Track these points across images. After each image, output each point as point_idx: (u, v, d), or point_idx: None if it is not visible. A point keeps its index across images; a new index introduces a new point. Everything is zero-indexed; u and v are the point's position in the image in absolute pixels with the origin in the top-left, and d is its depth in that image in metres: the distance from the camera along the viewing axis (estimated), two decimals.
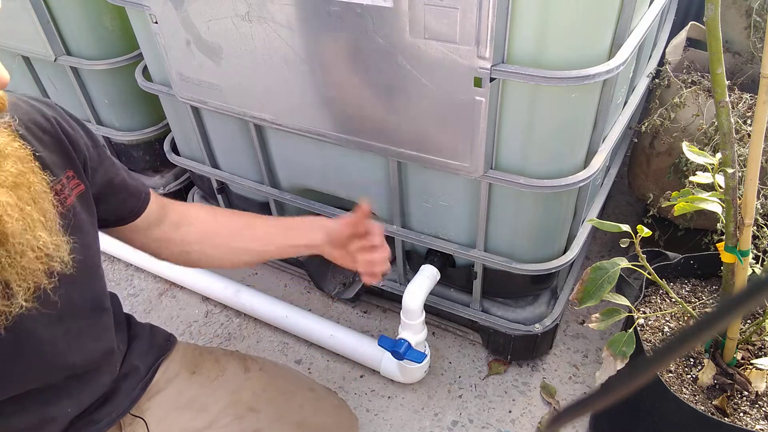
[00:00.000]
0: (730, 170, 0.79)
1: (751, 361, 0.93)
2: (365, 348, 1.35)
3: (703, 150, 0.87)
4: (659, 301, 1.07)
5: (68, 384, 0.76)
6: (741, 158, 1.11)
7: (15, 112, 0.68)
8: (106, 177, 0.80)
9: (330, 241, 0.91)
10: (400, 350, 1.17)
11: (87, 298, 0.75)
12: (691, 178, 0.88)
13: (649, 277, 0.93)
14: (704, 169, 0.86)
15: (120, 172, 0.83)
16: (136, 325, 0.94)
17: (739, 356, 0.94)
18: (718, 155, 0.82)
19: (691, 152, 0.87)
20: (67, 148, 0.73)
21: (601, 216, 1.39)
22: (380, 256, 0.88)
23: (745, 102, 1.22)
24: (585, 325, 1.47)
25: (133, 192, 0.85)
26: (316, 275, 1.54)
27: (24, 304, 0.63)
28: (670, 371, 0.97)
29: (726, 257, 0.87)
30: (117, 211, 0.83)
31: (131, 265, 1.72)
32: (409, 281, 1.20)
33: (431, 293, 1.25)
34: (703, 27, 0.88)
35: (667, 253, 1.10)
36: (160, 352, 0.93)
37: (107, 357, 0.80)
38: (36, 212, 0.63)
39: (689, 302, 1.08)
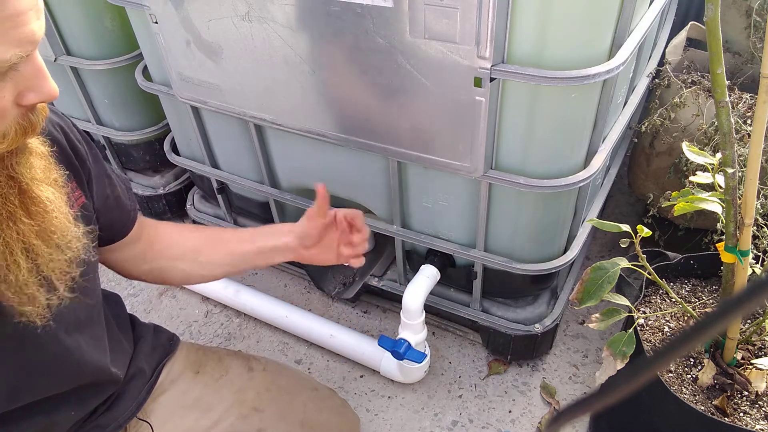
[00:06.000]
0: (730, 170, 0.79)
1: (751, 361, 0.93)
2: (365, 348, 1.35)
3: (703, 150, 0.87)
4: (659, 301, 1.07)
5: (75, 391, 0.76)
6: (741, 158, 1.11)
7: None
8: (104, 193, 0.80)
9: (301, 242, 0.90)
10: (400, 350, 1.17)
11: (87, 311, 0.75)
12: (691, 178, 0.88)
13: (649, 277, 0.93)
14: (704, 169, 0.86)
15: (116, 188, 0.82)
16: (140, 325, 0.94)
17: (739, 356, 0.94)
18: (718, 155, 0.82)
19: (691, 152, 0.87)
20: (72, 160, 0.73)
21: (601, 216, 1.39)
22: (358, 238, 0.90)
23: (745, 102, 1.22)
24: (585, 325, 1.47)
25: (125, 210, 0.84)
26: (316, 275, 1.54)
27: (66, 295, 0.65)
28: (670, 371, 0.97)
29: (726, 257, 0.87)
30: (109, 228, 0.82)
31: None
32: (409, 281, 1.20)
33: (431, 293, 1.25)
34: (703, 27, 0.88)
35: (667, 253, 1.10)
36: (164, 352, 0.93)
37: (106, 368, 0.80)
38: (64, 206, 0.65)
39: (689, 302, 1.07)
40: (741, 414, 0.91)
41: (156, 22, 1.13)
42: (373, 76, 0.96)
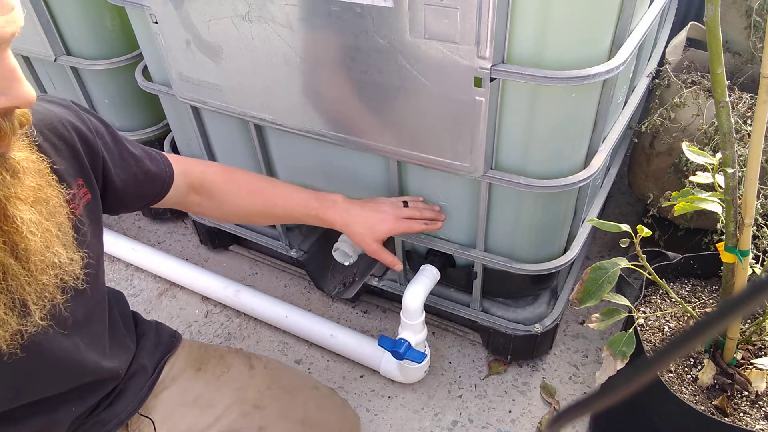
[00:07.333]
0: (730, 170, 0.79)
1: (751, 361, 0.93)
2: (365, 348, 1.35)
3: (703, 150, 0.87)
4: (659, 301, 1.07)
5: (76, 389, 0.76)
6: (741, 158, 1.11)
7: (32, 116, 0.68)
8: (130, 172, 0.81)
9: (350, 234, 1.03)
10: (400, 350, 1.17)
11: (88, 310, 0.75)
12: (691, 178, 0.87)
13: (649, 277, 0.93)
14: (704, 169, 0.86)
15: (143, 163, 0.83)
16: (143, 322, 0.94)
17: (739, 356, 0.94)
18: (718, 155, 0.82)
19: (691, 152, 0.87)
20: (81, 156, 0.72)
21: (601, 216, 1.39)
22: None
23: (745, 102, 1.22)
24: (585, 325, 1.47)
25: (157, 179, 0.86)
26: (316, 275, 1.54)
27: (40, 323, 0.62)
28: (670, 371, 0.97)
29: (726, 257, 0.87)
30: (144, 197, 0.86)
31: (131, 265, 1.72)
32: (409, 281, 1.20)
33: (431, 293, 1.25)
34: (703, 27, 0.88)
35: (667, 253, 1.09)
36: (166, 349, 0.93)
37: (111, 367, 0.80)
38: (53, 227, 0.62)
39: (689, 302, 1.07)
40: (741, 414, 0.91)
41: (156, 22, 1.13)
42: (373, 76, 0.96)
